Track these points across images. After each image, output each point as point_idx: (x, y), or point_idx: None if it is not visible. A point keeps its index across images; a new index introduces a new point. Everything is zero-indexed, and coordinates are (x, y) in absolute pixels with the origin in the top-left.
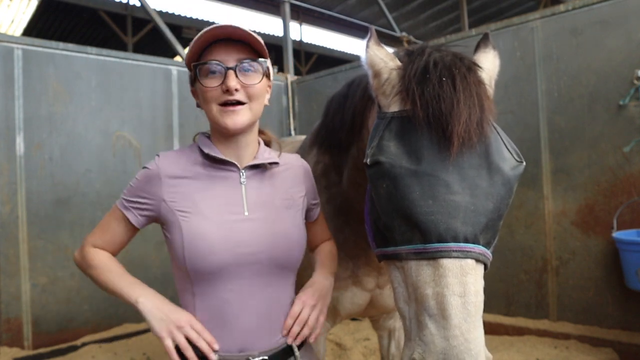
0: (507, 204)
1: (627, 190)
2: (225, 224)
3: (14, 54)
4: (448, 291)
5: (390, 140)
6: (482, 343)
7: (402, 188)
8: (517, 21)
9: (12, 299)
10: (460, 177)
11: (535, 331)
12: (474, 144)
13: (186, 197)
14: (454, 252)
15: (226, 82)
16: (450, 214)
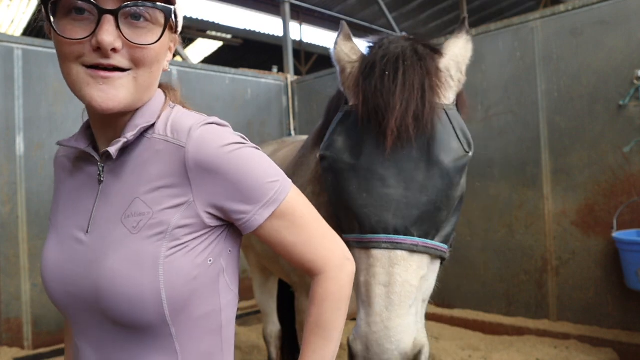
0: (447, 195)
1: (627, 190)
2: (61, 247)
3: (14, 54)
4: (374, 280)
5: (339, 135)
6: (407, 331)
7: (342, 182)
8: (517, 21)
9: (12, 299)
10: (397, 171)
11: (535, 331)
12: (412, 137)
13: (55, 203)
14: (383, 243)
15: (98, 35)
16: (382, 207)
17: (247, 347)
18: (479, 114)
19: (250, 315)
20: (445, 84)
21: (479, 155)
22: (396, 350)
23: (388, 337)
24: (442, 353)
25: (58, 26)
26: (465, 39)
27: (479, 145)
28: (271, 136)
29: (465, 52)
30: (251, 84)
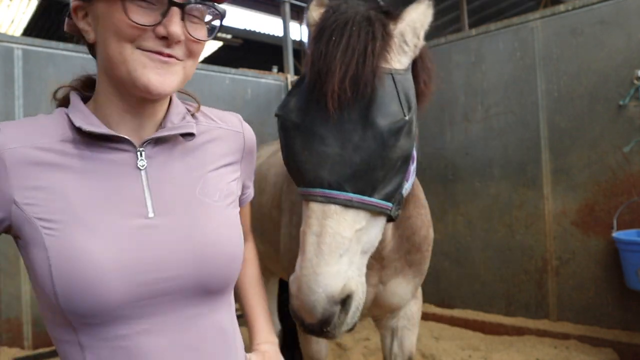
0: (381, 156)
1: (627, 190)
2: (119, 237)
3: (14, 54)
4: (309, 230)
5: (292, 97)
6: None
7: (289, 140)
8: (517, 21)
9: (12, 299)
10: (335, 132)
11: (535, 331)
12: (350, 100)
13: (52, 196)
14: (319, 197)
15: (168, 25)
16: (319, 163)
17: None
18: (479, 114)
19: None
20: (397, 49)
21: (479, 155)
22: (323, 293)
23: (316, 282)
24: (442, 353)
25: (127, 7)
26: (427, 4)
27: (479, 145)
28: (271, 136)
29: (424, 17)
30: (251, 84)
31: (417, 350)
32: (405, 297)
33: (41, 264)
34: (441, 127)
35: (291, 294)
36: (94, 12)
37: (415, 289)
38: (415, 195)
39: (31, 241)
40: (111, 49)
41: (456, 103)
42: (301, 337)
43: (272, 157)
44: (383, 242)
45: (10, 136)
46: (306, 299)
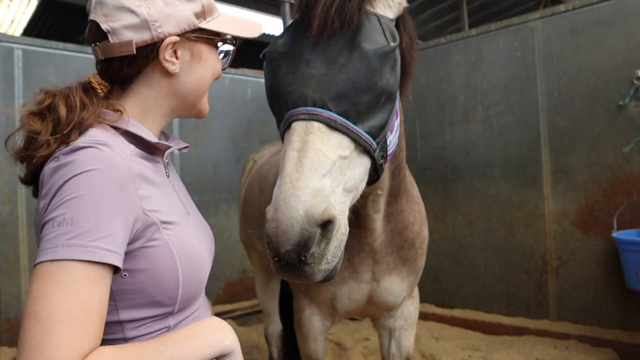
0: (366, 77)
1: (627, 190)
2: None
3: (14, 54)
4: (289, 147)
5: (280, 39)
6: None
7: (274, 68)
8: (517, 21)
9: (12, 299)
10: (322, 56)
11: (535, 331)
12: (336, 27)
13: (157, 202)
14: (302, 114)
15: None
16: (304, 84)
17: (247, 347)
18: (479, 114)
19: (251, 315)
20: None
21: (479, 155)
22: (302, 210)
23: (296, 196)
24: (442, 353)
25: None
26: None
27: (479, 145)
28: (271, 136)
29: None
30: (251, 84)
31: (417, 350)
32: (400, 295)
33: (167, 260)
34: (441, 127)
35: (267, 219)
36: (192, 50)
37: (410, 288)
38: (407, 190)
39: (156, 242)
40: (205, 84)
41: (456, 103)
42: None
43: (273, 157)
44: (374, 234)
45: (119, 152)
46: (282, 217)
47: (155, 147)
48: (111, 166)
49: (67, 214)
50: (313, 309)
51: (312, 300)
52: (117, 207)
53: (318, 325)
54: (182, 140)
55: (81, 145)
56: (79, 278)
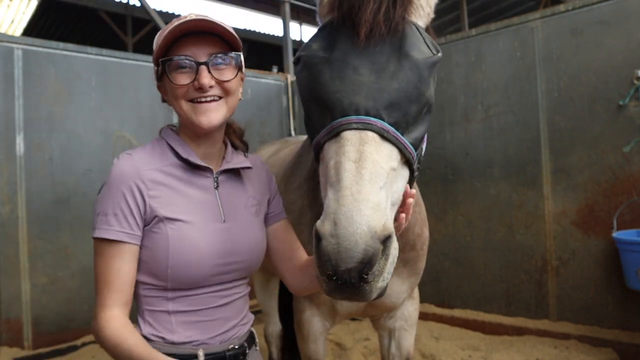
0: (416, 87)
1: (627, 190)
2: (210, 233)
3: (14, 54)
4: (344, 158)
5: (313, 42)
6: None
7: (315, 73)
8: (517, 21)
9: (12, 299)
10: (369, 62)
11: (535, 331)
12: (383, 34)
13: (168, 202)
14: (354, 123)
15: (199, 79)
16: (354, 91)
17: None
18: (479, 114)
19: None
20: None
21: (479, 155)
22: (365, 225)
23: (358, 210)
24: (442, 353)
25: (172, 78)
26: None
27: (479, 145)
28: (271, 136)
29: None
30: (251, 84)
31: (417, 350)
32: (401, 296)
33: (162, 246)
34: (441, 127)
35: (322, 235)
36: (165, 85)
37: (410, 289)
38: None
39: (157, 231)
40: (175, 106)
41: (456, 103)
42: (299, 337)
43: (272, 157)
44: None
45: (141, 161)
46: (345, 233)
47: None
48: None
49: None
50: (313, 310)
51: (312, 302)
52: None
53: (318, 326)
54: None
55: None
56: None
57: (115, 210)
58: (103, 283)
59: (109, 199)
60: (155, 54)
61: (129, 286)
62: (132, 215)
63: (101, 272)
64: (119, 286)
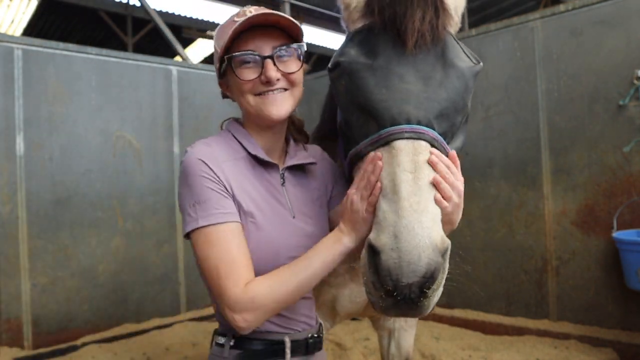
0: (462, 97)
1: (627, 190)
2: (282, 228)
3: (14, 54)
4: (399, 168)
5: (351, 48)
6: (436, 221)
7: (358, 81)
8: (517, 21)
9: (12, 299)
10: (414, 70)
11: (535, 331)
12: (428, 43)
13: (246, 196)
14: (406, 132)
15: (265, 73)
16: (403, 99)
17: None
18: (479, 114)
19: None
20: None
21: (479, 155)
22: (427, 238)
23: (419, 222)
24: (442, 353)
25: (238, 73)
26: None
27: (479, 145)
28: None
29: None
30: None
31: (417, 350)
32: None
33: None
34: None
35: (381, 249)
36: (227, 82)
37: None
38: None
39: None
40: (241, 101)
41: None
42: None
43: None
44: None
45: (219, 151)
46: (407, 246)
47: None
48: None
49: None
50: None
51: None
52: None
53: None
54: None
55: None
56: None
57: (209, 194)
58: (229, 263)
59: (196, 185)
60: (220, 52)
61: (249, 259)
62: (225, 195)
63: (220, 257)
64: (245, 262)
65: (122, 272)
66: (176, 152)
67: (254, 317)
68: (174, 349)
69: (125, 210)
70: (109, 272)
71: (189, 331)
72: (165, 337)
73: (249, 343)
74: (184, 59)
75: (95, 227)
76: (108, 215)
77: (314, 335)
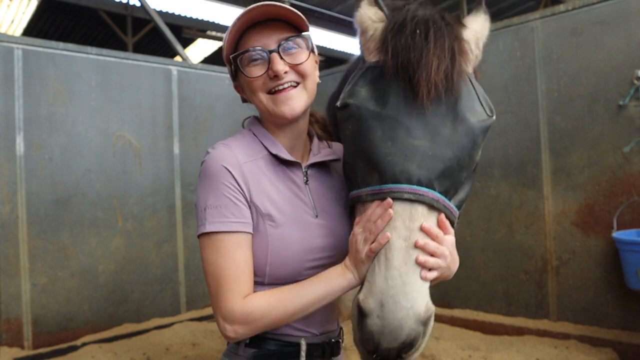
0: (469, 154)
1: (627, 190)
2: (304, 229)
3: (14, 54)
4: (394, 233)
5: (362, 87)
6: (422, 291)
7: (365, 129)
8: (517, 21)
9: (12, 299)
10: (423, 124)
11: (535, 331)
12: (441, 93)
13: (266, 198)
14: (406, 193)
15: (272, 67)
16: (407, 156)
17: None
18: None
19: None
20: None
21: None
22: (411, 310)
23: (405, 294)
24: (442, 353)
25: (246, 72)
26: (484, 18)
27: None
28: None
29: (483, 29)
30: None
31: None
32: None
33: (262, 244)
34: None
35: (367, 313)
36: (240, 84)
37: None
38: None
39: (257, 227)
40: (255, 100)
41: None
42: None
43: None
44: None
45: (239, 153)
46: (391, 316)
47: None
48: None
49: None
50: None
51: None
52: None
53: None
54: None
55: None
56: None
57: (224, 201)
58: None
59: (215, 190)
60: (226, 52)
61: (252, 273)
62: (243, 204)
63: (226, 266)
64: (248, 277)
65: (122, 272)
66: (176, 152)
67: (245, 330)
68: (174, 349)
69: (125, 210)
70: (109, 272)
71: (189, 331)
72: (165, 337)
73: (265, 342)
74: (184, 59)
75: (95, 227)
76: (108, 215)
77: (332, 340)
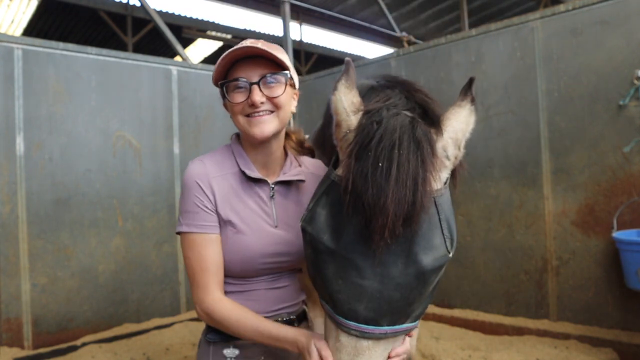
0: (420, 292)
1: (627, 190)
2: (262, 237)
3: (14, 54)
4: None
5: (323, 208)
6: None
7: (320, 262)
8: (517, 21)
9: (12, 299)
10: (373, 263)
11: (535, 331)
12: (396, 237)
13: (230, 208)
14: (352, 330)
15: (251, 97)
16: (355, 297)
17: None
18: (479, 114)
19: None
20: (440, 167)
21: (479, 155)
22: None
23: None
24: (442, 353)
25: (230, 97)
26: (469, 109)
27: (479, 145)
28: None
29: (466, 125)
30: None
31: (417, 350)
32: None
33: (224, 246)
34: None
35: None
36: (227, 103)
37: None
38: None
39: (222, 233)
40: (235, 120)
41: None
42: None
43: None
44: None
45: (212, 168)
46: None
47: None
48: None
49: None
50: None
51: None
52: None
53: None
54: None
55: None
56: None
57: (195, 208)
58: (200, 271)
59: (188, 198)
60: (215, 78)
61: (221, 269)
62: (210, 211)
63: (196, 261)
64: (214, 270)
65: (122, 272)
66: (176, 152)
67: (206, 320)
68: (174, 349)
69: (125, 210)
70: (109, 272)
71: (189, 331)
72: (165, 337)
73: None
74: (184, 59)
75: (95, 227)
76: (108, 215)
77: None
